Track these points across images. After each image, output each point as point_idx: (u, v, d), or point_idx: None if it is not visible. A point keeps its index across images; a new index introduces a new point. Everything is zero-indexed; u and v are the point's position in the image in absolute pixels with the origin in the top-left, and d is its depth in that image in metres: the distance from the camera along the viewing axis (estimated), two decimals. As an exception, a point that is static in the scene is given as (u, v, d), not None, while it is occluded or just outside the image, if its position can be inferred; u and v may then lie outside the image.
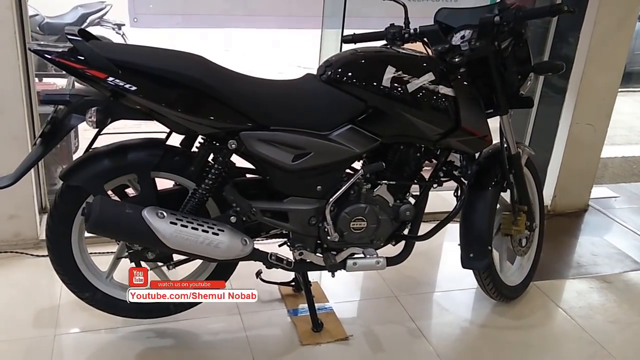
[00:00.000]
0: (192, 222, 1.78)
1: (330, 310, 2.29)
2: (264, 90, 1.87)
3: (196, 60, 1.77)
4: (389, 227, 2.06)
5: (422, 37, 2.10)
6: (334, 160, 1.92)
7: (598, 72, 3.11)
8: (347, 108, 1.91)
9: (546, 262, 2.69)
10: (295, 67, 8.25)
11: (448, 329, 2.28)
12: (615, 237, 3.21)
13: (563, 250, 3.04)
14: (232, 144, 1.82)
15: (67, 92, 1.74)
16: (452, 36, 2.06)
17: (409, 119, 1.91)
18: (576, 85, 3.15)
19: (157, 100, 1.70)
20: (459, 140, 2.01)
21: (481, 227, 2.19)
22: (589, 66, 3.09)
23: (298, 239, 2.02)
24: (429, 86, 1.91)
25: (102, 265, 2.02)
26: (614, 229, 3.34)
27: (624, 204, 3.68)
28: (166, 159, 1.85)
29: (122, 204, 1.74)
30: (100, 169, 1.81)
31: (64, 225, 1.87)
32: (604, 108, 3.25)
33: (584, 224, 3.39)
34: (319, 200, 1.97)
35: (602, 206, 3.57)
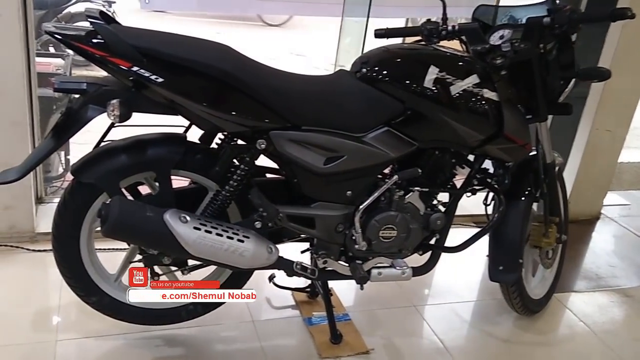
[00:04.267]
0: (217, 227, 1.64)
1: (348, 321, 2.17)
2: (297, 86, 1.72)
3: (226, 52, 1.62)
4: (419, 236, 1.94)
5: (460, 35, 1.97)
6: (368, 164, 1.79)
7: (622, 78, 3.00)
8: (384, 109, 1.77)
9: (564, 273, 2.58)
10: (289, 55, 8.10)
11: (472, 344, 2.17)
12: (630, 248, 3.14)
13: (579, 260, 2.95)
14: (261, 144, 1.67)
15: (83, 81, 1.58)
16: (489, 36, 1.93)
17: (450, 123, 1.79)
18: (598, 90, 3.05)
19: (185, 93, 1.55)
20: (499, 147, 1.89)
21: (513, 239, 2.07)
22: (613, 72, 2.97)
23: (323, 246, 1.89)
24: (473, 89, 1.78)
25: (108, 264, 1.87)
26: (627, 238, 3.26)
27: (636, 212, 3.61)
28: (188, 156, 1.70)
29: (142, 206, 1.59)
30: (116, 166, 1.66)
31: (73, 224, 1.71)
32: (624, 114, 3.16)
33: (597, 232, 3.31)
34: (348, 206, 1.84)
35: (614, 214, 3.49)
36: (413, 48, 1.87)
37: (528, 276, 2.29)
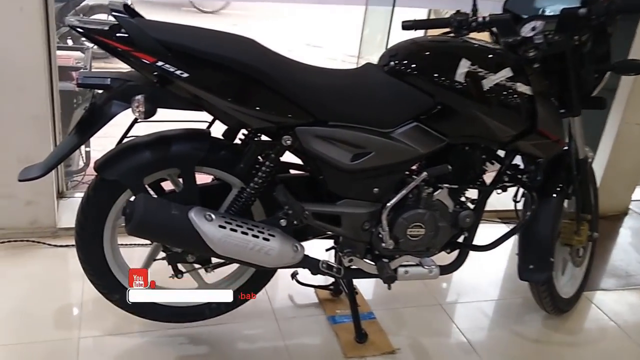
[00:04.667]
0: (242, 225, 1.60)
1: (373, 319, 2.13)
2: (323, 80, 1.68)
3: (252, 45, 1.58)
4: (447, 234, 1.89)
5: (491, 27, 1.91)
6: (396, 161, 1.74)
7: (653, 70, 2.92)
8: (413, 103, 1.72)
9: (593, 270, 2.52)
10: (305, 46, 8.02)
11: (500, 344, 2.12)
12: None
13: (608, 257, 2.88)
14: (286, 140, 1.63)
15: (107, 76, 1.54)
16: (521, 27, 1.87)
17: (482, 118, 1.73)
18: (628, 83, 2.96)
19: (210, 89, 1.51)
20: (532, 143, 1.83)
21: (544, 237, 2.01)
22: (645, 63, 2.89)
23: (348, 244, 1.84)
24: (505, 83, 1.72)
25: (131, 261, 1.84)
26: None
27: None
28: (212, 153, 1.67)
29: (166, 204, 1.55)
30: (140, 162, 1.63)
31: (97, 221, 1.69)
32: (656, 108, 3.07)
33: (626, 228, 3.23)
34: (375, 203, 1.79)
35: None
36: (443, 40, 1.81)
37: (558, 275, 2.22)
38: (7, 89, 2.17)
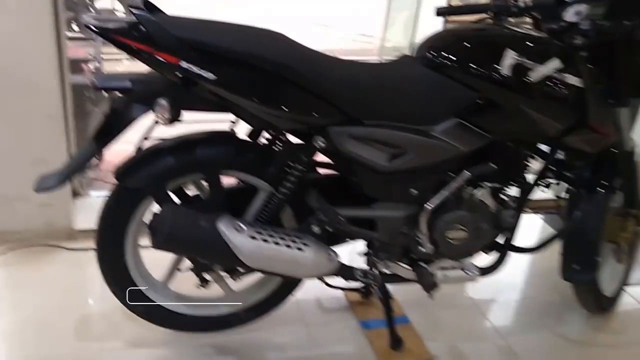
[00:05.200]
0: (273, 235, 1.50)
1: (407, 324, 2.03)
2: (358, 76, 1.55)
3: (281, 41, 1.45)
4: (489, 236, 1.78)
5: (532, 12, 1.77)
6: (436, 160, 1.62)
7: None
8: (454, 99, 1.59)
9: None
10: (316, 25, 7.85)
11: (543, 347, 2.01)
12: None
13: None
14: (319, 142, 1.52)
15: (126, 77, 1.43)
16: (563, 11, 1.72)
17: (529, 113, 1.60)
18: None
19: (239, 91, 1.39)
20: (581, 138, 1.70)
21: (590, 235, 1.89)
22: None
23: (383, 248, 1.74)
24: (555, 75, 1.59)
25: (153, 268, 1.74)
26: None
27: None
28: (239, 156, 1.56)
29: (194, 215, 1.45)
30: (163, 169, 1.52)
31: (119, 232, 1.59)
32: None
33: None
34: (412, 205, 1.68)
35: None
36: (486, 29, 1.67)
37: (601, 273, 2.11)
38: (17, 86, 2.06)
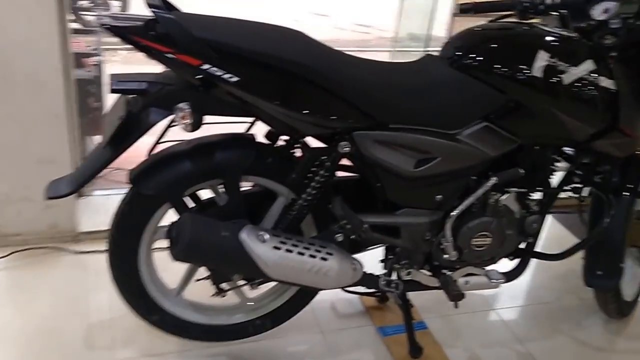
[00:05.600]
0: (297, 245, 1.43)
1: (425, 330, 1.98)
2: (383, 78, 1.48)
3: (302, 41, 1.38)
4: (514, 242, 1.73)
5: (561, 9, 1.71)
6: (463, 165, 1.56)
7: None
8: (483, 101, 1.53)
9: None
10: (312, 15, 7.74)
11: (563, 354, 1.96)
12: None
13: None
14: (344, 147, 1.45)
15: (143, 79, 1.35)
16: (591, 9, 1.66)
17: (559, 116, 1.54)
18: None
19: (263, 94, 1.33)
20: (611, 142, 1.64)
21: (614, 240, 1.85)
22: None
23: (405, 255, 1.68)
24: (588, 77, 1.53)
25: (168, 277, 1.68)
26: None
27: None
28: (259, 160, 1.49)
29: (215, 225, 1.38)
30: (181, 175, 1.45)
31: (133, 238, 1.52)
32: None
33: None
34: (436, 211, 1.63)
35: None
36: (516, 29, 1.61)
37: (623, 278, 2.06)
38: (21, 84, 1.98)
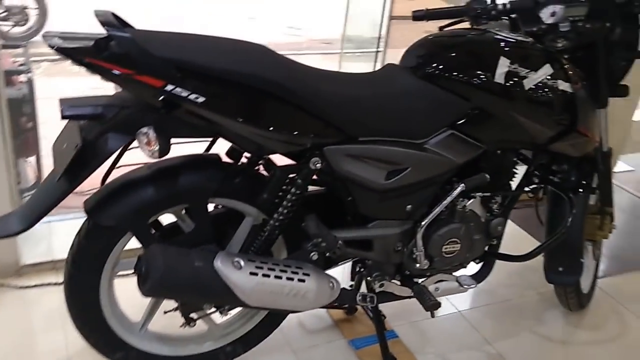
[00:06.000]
0: (274, 268, 1.38)
1: (396, 339, 1.96)
2: (349, 90, 1.45)
3: (269, 56, 1.32)
4: (482, 246, 1.74)
5: (512, 14, 1.73)
6: (432, 174, 1.56)
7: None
8: (448, 109, 1.53)
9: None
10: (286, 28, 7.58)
11: (530, 351, 2.00)
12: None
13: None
14: (316, 163, 1.41)
15: (96, 103, 1.26)
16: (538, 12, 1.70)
17: (522, 121, 1.56)
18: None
19: (231, 113, 1.26)
20: (569, 143, 1.68)
21: (573, 237, 1.89)
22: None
23: (377, 267, 1.66)
24: (547, 81, 1.55)
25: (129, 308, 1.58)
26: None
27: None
28: (227, 181, 1.42)
29: (187, 254, 1.30)
30: (144, 202, 1.35)
31: (93, 274, 1.41)
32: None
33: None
34: (406, 222, 1.61)
35: (621, 181, 3.38)
36: (475, 36, 1.61)
37: (581, 272, 2.13)
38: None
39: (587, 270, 2.22)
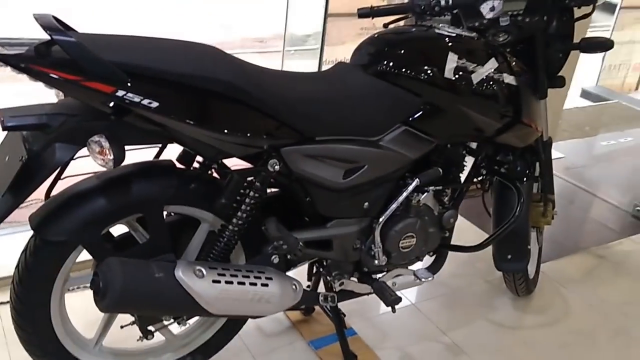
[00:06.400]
0: (236, 274, 1.34)
1: (355, 336, 1.96)
2: (304, 90, 1.44)
3: (221, 58, 1.29)
4: (437, 239, 1.77)
5: (454, 10, 1.77)
6: (388, 171, 1.57)
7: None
8: (401, 106, 1.54)
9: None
10: (218, 27, 7.39)
11: (483, 338, 2.05)
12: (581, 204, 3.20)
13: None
14: (274, 165, 1.38)
15: (39, 112, 1.18)
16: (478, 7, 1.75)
17: (471, 115, 1.59)
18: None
19: (185, 118, 1.22)
20: (514, 134, 1.73)
21: (520, 225, 1.95)
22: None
23: (335, 266, 1.65)
24: (493, 75, 1.59)
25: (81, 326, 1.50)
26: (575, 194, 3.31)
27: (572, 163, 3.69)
28: (182, 188, 1.38)
29: (146, 266, 1.24)
30: (97, 214, 1.29)
31: (42, 293, 1.33)
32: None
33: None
34: (364, 219, 1.62)
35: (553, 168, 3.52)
36: (424, 32, 1.63)
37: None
38: None
39: (532, 256, 2.30)
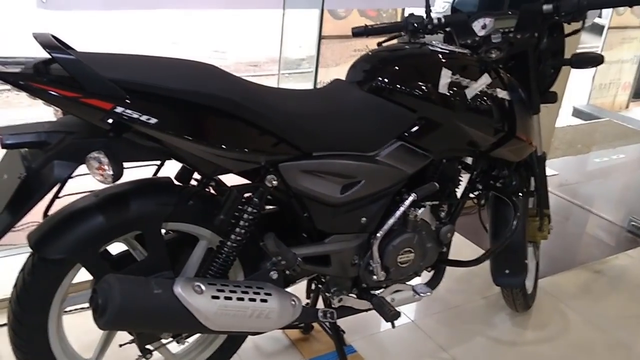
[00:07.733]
0: (235, 290, 1.34)
1: (355, 354, 1.95)
2: (303, 107, 1.45)
3: (220, 75, 1.31)
4: (435, 254, 1.77)
5: (446, 28, 1.80)
6: (385, 186, 1.58)
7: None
8: (396, 121, 1.56)
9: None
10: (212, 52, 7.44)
11: (483, 353, 2.04)
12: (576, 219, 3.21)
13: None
14: (272, 180, 1.39)
15: (38, 129, 1.19)
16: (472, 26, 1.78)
17: (465, 130, 1.61)
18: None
19: (184, 134, 1.23)
20: (509, 149, 1.75)
21: (517, 240, 1.96)
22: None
23: (334, 282, 1.65)
24: (486, 90, 1.62)
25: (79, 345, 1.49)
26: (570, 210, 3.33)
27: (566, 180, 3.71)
28: (180, 205, 1.38)
29: (145, 283, 1.24)
30: (95, 231, 1.29)
31: (40, 313, 1.33)
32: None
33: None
34: (361, 234, 1.62)
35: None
36: (417, 49, 1.65)
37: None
38: None
39: (530, 271, 2.31)
